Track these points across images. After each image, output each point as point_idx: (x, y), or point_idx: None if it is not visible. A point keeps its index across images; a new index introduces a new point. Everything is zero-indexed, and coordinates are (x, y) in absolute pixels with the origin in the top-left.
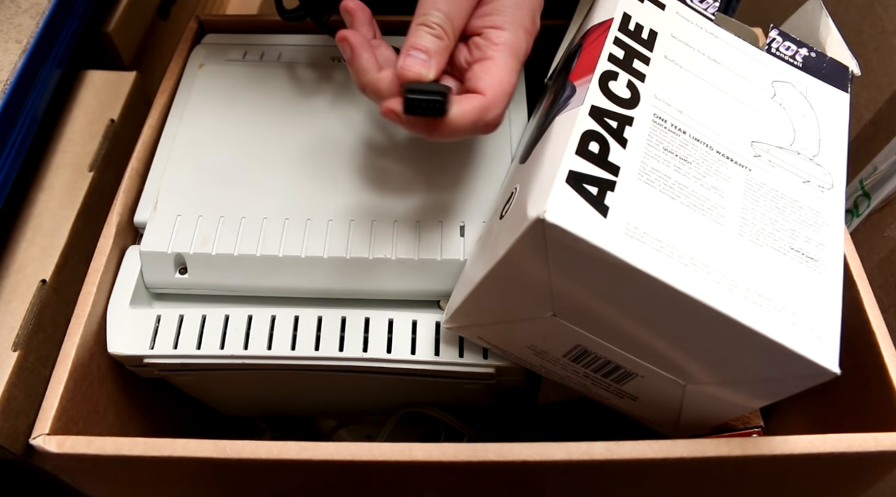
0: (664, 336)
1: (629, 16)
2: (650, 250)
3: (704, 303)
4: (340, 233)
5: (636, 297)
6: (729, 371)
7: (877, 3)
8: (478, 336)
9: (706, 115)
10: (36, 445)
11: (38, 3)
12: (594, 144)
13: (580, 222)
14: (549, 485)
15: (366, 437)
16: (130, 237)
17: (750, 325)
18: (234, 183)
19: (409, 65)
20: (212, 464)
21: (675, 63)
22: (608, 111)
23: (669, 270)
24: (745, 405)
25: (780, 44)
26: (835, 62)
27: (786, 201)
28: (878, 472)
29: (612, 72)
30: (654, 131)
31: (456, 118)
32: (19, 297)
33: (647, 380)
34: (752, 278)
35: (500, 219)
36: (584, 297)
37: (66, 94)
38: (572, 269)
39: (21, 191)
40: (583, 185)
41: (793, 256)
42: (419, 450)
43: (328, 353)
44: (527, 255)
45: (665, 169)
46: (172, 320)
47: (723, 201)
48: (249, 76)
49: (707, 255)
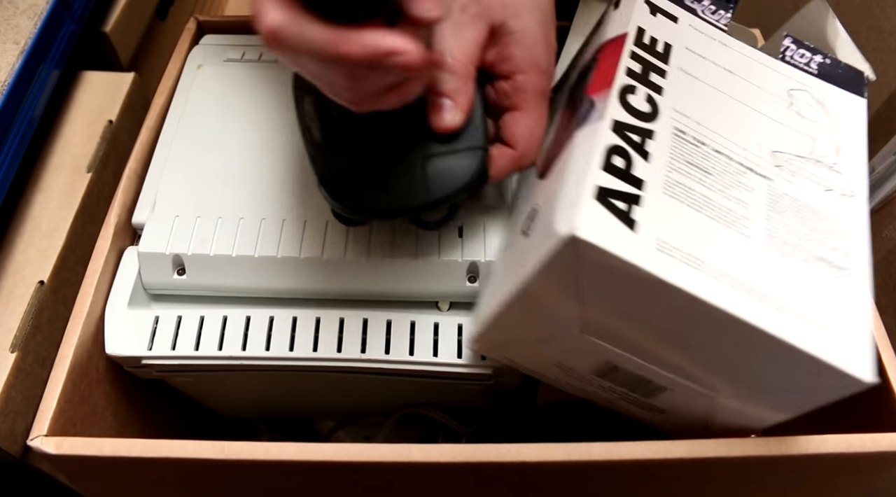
0: (696, 350)
1: (643, 29)
2: (681, 265)
3: (737, 316)
4: (339, 234)
5: (666, 312)
6: (761, 383)
7: (874, 5)
8: (503, 356)
9: (725, 127)
10: (34, 447)
11: (35, 3)
12: (618, 159)
13: (611, 238)
14: (548, 485)
15: (364, 437)
16: (129, 238)
17: (782, 337)
18: (232, 184)
19: (437, 118)
20: (210, 465)
21: (691, 75)
22: (629, 125)
23: (701, 285)
24: (774, 417)
25: (794, 52)
26: (849, 68)
27: (809, 211)
28: (878, 472)
29: (630, 86)
30: (675, 144)
31: (495, 176)
32: (17, 299)
33: (676, 393)
34: (781, 290)
35: (524, 236)
36: (613, 313)
37: (64, 95)
38: (602, 285)
39: (19, 192)
40: (610, 201)
41: (820, 266)
42: (417, 451)
43: (326, 354)
44: (556, 273)
45: (689, 182)
46: (170, 321)
47: (747, 213)
48: (248, 77)
49: (737, 268)
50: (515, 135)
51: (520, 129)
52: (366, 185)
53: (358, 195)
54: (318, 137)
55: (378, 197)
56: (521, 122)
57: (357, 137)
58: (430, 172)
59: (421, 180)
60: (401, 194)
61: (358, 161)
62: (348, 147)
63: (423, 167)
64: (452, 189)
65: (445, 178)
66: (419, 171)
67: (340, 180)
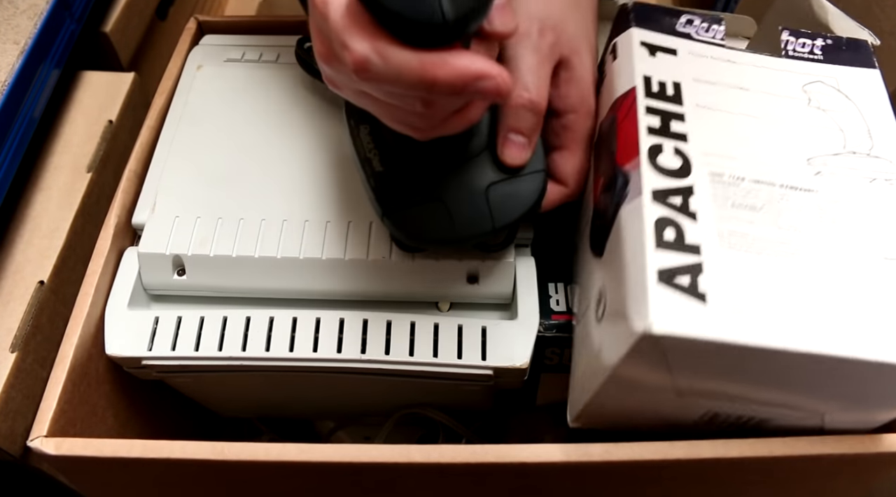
0: (796, 387)
1: (649, 77)
2: (757, 322)
3: (825, 354)
4: (338, 234)
5: (758, 367)
6: (868, 398)
7: (874, 4)
8: (607, 424)
9: (756, 151)
10: (34, 447)
11: (35, 4)
12: (669, 231)
13: (686, 322)
14: (547, 486)
15: (364, 438)
16: (129, 238)
17: (876, 359)
18: (232, 184)
19: (510, 155)
20: (210, 466)
21: (708, 108)
22: (668, 190)
23: (781, 336)
24: (888, 416)
25: (794, 43)
26: (851, 41)
27: (861, 210)
28: (877, 473)
29: (656, 145)
30: (716, 191)
31: (545, 208)
32: (17, 299)
33: (782, 421)
34: (858, 308)
35: (598, 322)
36: (706, 377)
37: (64, 95)
38: (689, 360)
39: (19, 192)
40: (674, 281)
41: (888, 266)
42: (418, 452)
43: (326, 354)
44: (640, 363)
45: (740, 227)
46: (171, 322)
47: (804, 237)
48: (248, 77)
49: (810, 303)
50: (567, 173)
51: (570, 169)
52: (431, 216)
53: (424, 226)
54: (379, 168)
55: (444, 227)
56: (570, 161)
57: (418, 166)
58: (493, 199)
59: (485, 207)
60: (466, 223)
61: (422, 191)
62: (410, 177)
63: (487, 194)
64: (517, 214)
65: (510, 203)
66: (483, 199)
67: (405, 212)
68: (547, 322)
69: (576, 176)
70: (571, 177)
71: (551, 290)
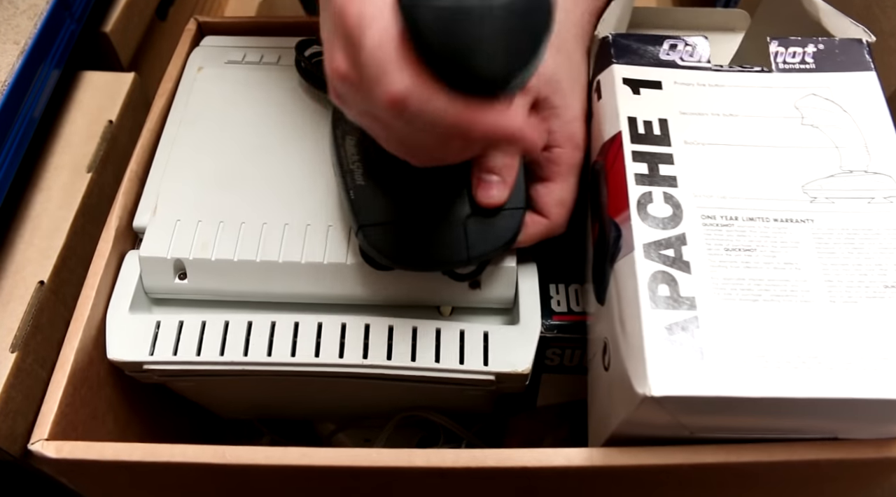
0: (802, 419)
1: (634, 118)
2: (756, 373)
3: (829, 398)
4: (340, 238)
5: (762, 410)
6: (877, 422)
7: (874, 5)
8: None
9: (747, 185)
10: (34, 451)
11: (35, 4)
12: (663, 287)
13: (685, 381)
14: (548, 490)
15: (364, 440)
16: (130, 241)
17: (882, 397)
18: (233, 187)
19: (486, 197)
20: (211, 469)
21: (696, 144)
22: (660, 242)
23: (781, 384)
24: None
25: (784, 54)
26: (845, 42)
27: (860, 236)
28: (877, 478)
29: (645, 194)
30: (709, 236)
31: (525, 241)
32: (17, 299)
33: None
34: (859, 345)
35: (605, 369)
36: (717, 420)
37: (64, 96)
38: (695, 410)
39: (19, 192)
40: (671, 337)
41: (889, 295)
42: (418, 456)
43: (328, 359)
44: (648, 414)
45: (736, 272)
46: (172, 326)
47: (801, 274)
48: (249, 79)
49: (809, 345)
50: (548, 206)
51: (552, 200)
52: (406, 238)
53: (397, 246)
54: (361, 182)
55: (417, 250)
56: (553, 193)
57: (401, 187)
58: (471, 230)
59: (462, 238)
60: (441, 250)
61: (400, 212)
62: (391, 196)
63: (464, 225)
64: (492, 248)
65: (486, 237)
66: (460, 229)
67: (380, 229)
68: (548, 323)
69: (558, 208)
70: (554, 208)
71: (552, 290)
